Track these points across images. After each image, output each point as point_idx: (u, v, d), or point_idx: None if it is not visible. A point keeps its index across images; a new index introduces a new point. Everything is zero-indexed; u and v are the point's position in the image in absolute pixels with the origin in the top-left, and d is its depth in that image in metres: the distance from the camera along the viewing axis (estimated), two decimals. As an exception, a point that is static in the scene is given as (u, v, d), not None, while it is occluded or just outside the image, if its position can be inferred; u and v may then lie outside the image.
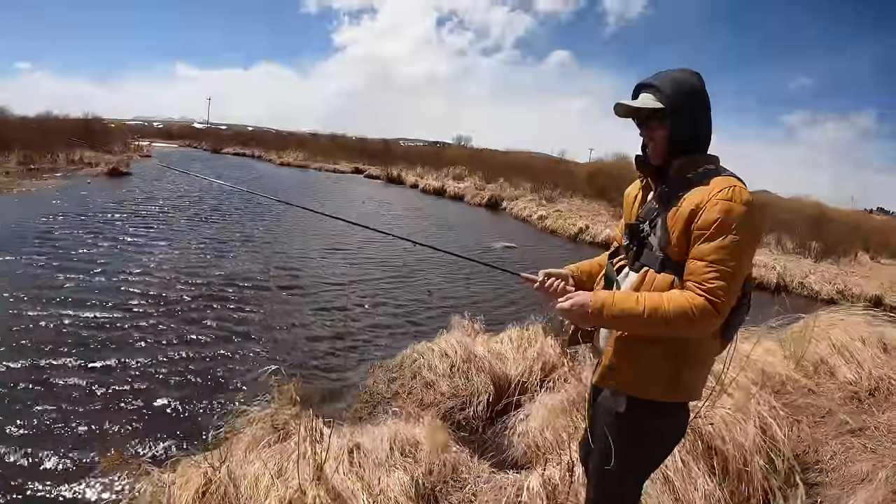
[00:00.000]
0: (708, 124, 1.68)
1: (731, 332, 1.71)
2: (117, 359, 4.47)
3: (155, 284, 6.46)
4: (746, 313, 1.70)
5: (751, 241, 1.55)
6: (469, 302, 7.21)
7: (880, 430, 3.51)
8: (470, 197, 21.87)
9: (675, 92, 1.63)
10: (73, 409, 3.73)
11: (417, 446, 2.99)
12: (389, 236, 2.64)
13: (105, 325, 5.11)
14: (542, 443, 3.17)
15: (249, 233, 10.45)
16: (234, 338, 5.17)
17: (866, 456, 3.22)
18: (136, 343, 4.82)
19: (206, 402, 4.00)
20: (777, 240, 15.69)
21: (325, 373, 4.64)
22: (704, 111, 1.66)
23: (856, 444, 3.38)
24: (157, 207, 12.31)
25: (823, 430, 3.58)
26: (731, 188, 1.53)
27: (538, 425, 3.27)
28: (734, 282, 1.51)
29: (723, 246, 1.50)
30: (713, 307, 1.49)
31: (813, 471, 3.18)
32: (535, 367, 4.05)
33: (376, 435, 3.05)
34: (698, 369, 1.70)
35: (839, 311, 5.17)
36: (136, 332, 5.05)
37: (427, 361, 4.18)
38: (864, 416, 3.72)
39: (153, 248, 8.29)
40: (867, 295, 10.40)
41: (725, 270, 1.49)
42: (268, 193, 7.29)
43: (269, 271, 7.57)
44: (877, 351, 4.58)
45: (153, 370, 4.38)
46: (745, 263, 1.54)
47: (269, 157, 36.42)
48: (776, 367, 4.05)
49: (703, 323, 1.51)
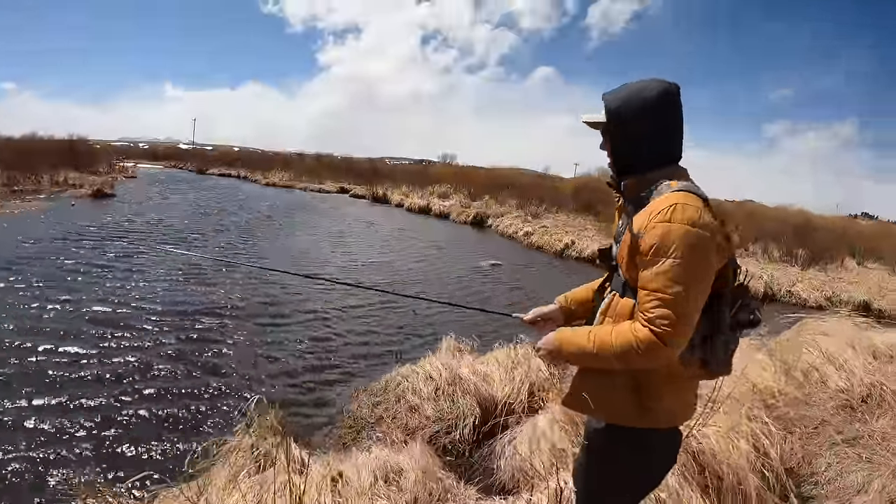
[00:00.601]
0: (664, 138, 1.57)
1: (716, 357, 1.54)
2: (93, 390, 4.32)
3: (134, 313, 6.29)
4: (740, 333, 1.57)
5: (696, 261, 1.41)
6: (455, 322, 7.09)
7: (874, 438, 3.45)
8: (455, 215, 21.81)
9: (622, 104, 1.56)
10: (48, 441, 3.60)
11: (402, 474, 2.89)
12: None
13: (81, 356, 4.95)
14: (530, 467, 3.08)
15: (229, 260, 10.21)
16: (214, 368, 5.02)
17: (861, 466, 3.16)
18: (112, 373, 4.67)
19: (186, 433, 3.87)
20: (763, 248, 15.77)
21: (307, 399, 4.52)
22: (658, 124, 1.55)
23: (850, 454, 3.32)
24: (139, 231, 12.14)
25: (817, 441, 3.52)
26: (670, 207, 1.43)
27: (525, 449, 3.18)
28: (679, 308, 1.39)
29: (661, 272, 1.41)
30: (657, 338, 1.40)
31: (808, 484, 3.12)
32: (523, 388, 3.97)
33: (360, 463, 2.96)
34: (670, 397, 1.57)
35: (827, 318, 5.14)
36: (112, 362, 4.90)
37: (411, 385, 4.08)
38: (858, 424, 3.66)
39: (132, 275, 8.11)
40: (855, 301, 10.39)
41: (667, 298, 1.39)
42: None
43: (249, 299, 7.38)
44: (867, 357, 4.54)
45: (130, 400, 4.24)
46: (693, 287, 1.41)
47: (255, 178, 36.32)
48: (767, 379, 3.99)
49: (649, 355, 1.42)
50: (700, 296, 1.44)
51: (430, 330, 6.66)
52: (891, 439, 3.40)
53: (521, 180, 28.64)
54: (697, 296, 1.43)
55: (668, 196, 1.47)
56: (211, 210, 17.61)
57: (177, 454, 3.60)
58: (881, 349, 4.73)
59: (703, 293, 1.45)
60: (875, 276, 13.66)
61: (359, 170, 37.49)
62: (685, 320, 1.41)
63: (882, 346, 4.77)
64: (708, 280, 1.45)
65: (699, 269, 1.42)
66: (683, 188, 1.49)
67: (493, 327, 6.18)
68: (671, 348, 1.41)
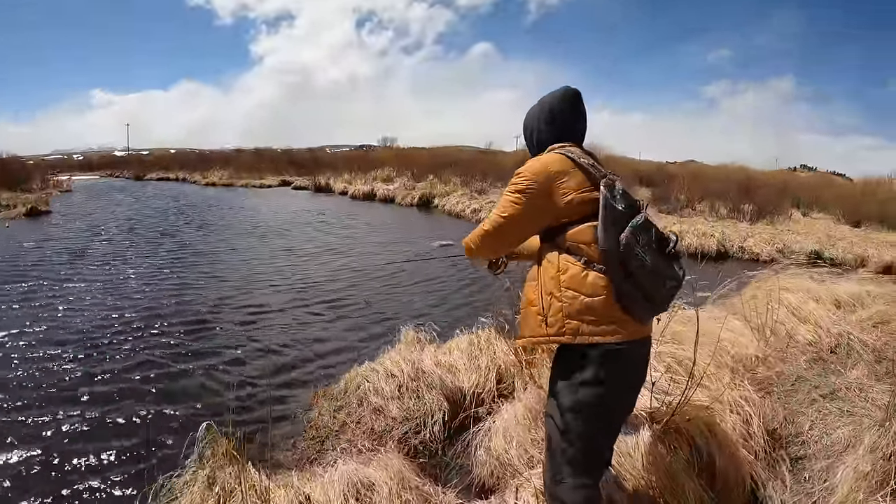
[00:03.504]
0: (549, 129, 2.08)
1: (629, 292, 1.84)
2: (20, 423, 3.84)
3: (63, 338, 5.72)
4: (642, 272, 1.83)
5: (517, 188, 1.95)
6: (411, 311, 6.86)
7: (852, 390, 3.37)
8: (401, 198, 21.59)
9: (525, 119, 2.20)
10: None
11: (373, 489, 2.62)
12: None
13: (7, 384, 4.45)
14: (509, 460, 2.87)
15: (166, 268, 9.51)
16: (149, 393, 4.47)
17: (844, 420, 3.05)
18: (41, 405, 4.17)
19: (128, 471, 3.39)
20: (711, 207, 16.07)
21: (261, 414, 4.05)
22: (540, 122, 2.10)
23: (832, 408, 3.21)
24: (77, 246, 11.36)
25: (796, 398, 3.41)
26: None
27: (501, 441, 2.96)
28: (495, 217, 2.00)
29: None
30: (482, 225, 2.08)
31: (794, 444, 2.99)
32: (490, 375, 3.74)
33: (327, 481, 2.67)
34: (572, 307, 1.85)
35: (783, 271, 5.10)
36: (40, 391, 4.39)
37: (373, 385, 3.78)
38: (833, 377, 3.58)
39: (65, 293, 7.48)
40: (807, 251, 10.65)
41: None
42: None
43: (182, 312, 6.76)
44: (831, 308, 4.52)
45: (60, 438, 3.77)
46: (508, 207, 1.96)
47: (194, 179, 35.28)
48: (745, 344, 3.87)
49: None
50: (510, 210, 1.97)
51: (385, 322, 6.35)
52: (868, 389, 3.33)
53: (463, 157, 28.52)
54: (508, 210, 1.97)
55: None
56: (147, 218, 16.75)
57: (121, 496, 3.17)
58: (844, 299, 4.73)
59: (514, 209, 1.96)
60: (821, 226, 14.12)
61: (300, 161, 37.07)
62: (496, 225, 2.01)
63: (844, 295, 4.77)
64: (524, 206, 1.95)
65: (518, 191, 1.96)
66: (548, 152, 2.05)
67: (452, 317, 5.96)
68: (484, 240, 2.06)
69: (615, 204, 1.83)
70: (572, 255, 1.88)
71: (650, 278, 1.83)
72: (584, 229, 1.87)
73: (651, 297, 1.86)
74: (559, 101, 2.06)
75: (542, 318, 1.88)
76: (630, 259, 1.80)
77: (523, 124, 2.17)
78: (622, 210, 1.83)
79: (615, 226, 1.81)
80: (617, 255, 1.80)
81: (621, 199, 1.85)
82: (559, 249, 1.91)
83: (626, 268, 1.81)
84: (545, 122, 2.07)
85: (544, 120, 2.07)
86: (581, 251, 1.87)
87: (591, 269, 1.84)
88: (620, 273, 1.81)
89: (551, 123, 2.06)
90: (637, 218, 1.84)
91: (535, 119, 2.11)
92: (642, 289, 1.83)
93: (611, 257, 1.81)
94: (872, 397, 3.19)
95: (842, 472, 2.54)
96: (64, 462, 3.48)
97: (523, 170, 1.96)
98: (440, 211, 19.08)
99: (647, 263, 1.81)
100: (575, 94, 2.06)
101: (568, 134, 2.05)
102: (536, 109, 2.12)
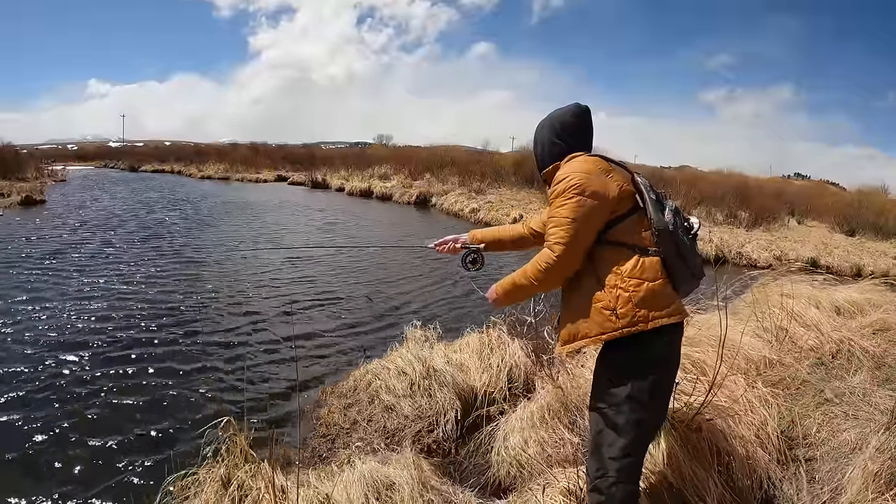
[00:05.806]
0: (562, 143, 2.15)
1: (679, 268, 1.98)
2: (36, 419, 3.81)
3: (72, 330, 5.70)
4: (686, 250, 1.99)
5: (576, 192, 1.95)
6: (415, 307, 6.90)
7: (856, 394, 3.43)
8: (398, 196, 21.56)
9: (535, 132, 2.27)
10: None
11: (393, 488, 2.63)
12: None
13: (15, 378, 4.42)
14: (527, 459, 2.89)
15: (168, 264, 9.40)
16: (167, 387, 4.47)
17: (849, 424, 3.11)
18: (53, 401, 4.15)
19: (147, 467, 3.36)
20: (707, 212, 16.15)
21: (271, 412, 4.08)
22: (552, 135, 2.17)
23: (837, 412, 3.27)
24: (75, 238, 11.21)
25: (803, 401, 3.47)
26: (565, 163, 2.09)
27: (518, 440, 2.98)
28: (565, 228, 1.95)
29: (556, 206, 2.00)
30: (550, 250, 1.98)
31: (802, 446, 3.05)
32: (502, 374, 3.76)
33: (346, 480, 2.67)
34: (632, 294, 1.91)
35: (782, 277, 5.17)
36: (52, 386, 4.37)
37: (384, 382, 3.80)
38: (836, 381, 3.65)
39: (68, 286, 7.40)
40: (804, 258, 10.76)
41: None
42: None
43: (198, 308, 6.75)
44: (831, 314, 4.59)
45: (78, 433, 3.73)
46: (575, 211, 1.95)
47: (190, 172, 34.81)
48: (759, 347, 3.93)
49: (549, 270, 2.00)
50: (579, 216, 1.95)
51: (388, 318, 6.39)
52: (871, 394, 3.39)
53: (460, 157, 28.47)
54: (578, 217, 1.94)
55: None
56: (143, 211, 16.52)
57: (138, 492, 3.08)
58: (844, 306, 4.80)
59: (581, 215, 1.95)
60: (817, 234, 14.27)
61: (295, 156, 36.85)
62: (569, 235, 1.95)
63: (844, 302, 4.84)
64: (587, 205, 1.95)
65: (582, 196, 1.96)
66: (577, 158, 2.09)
67: (457, 314, 5.98)
68: (557, 257, 1.96)
69: (654, 190, 2.03)
70: (623, 247, 1.96)
71: (692, 255, 2.00)
72: (633, 220, 1.99)
73: (696, 274, 2.03)
74: (571, 115, 2.16)
75: (611, 312, 1.91)
76: (678, 236, 1.96)
77: (534, 138, 2.25)
78: (655, 198, 2.01)
79: (659, 209, 1.98)
80: (669, 234, 1.95)
81: (652, 189, 2.04)
82: (607, 244, 1.98)
83: (677, 246, 1.96)
84: (557, 136, 2.15)
85: (556, 134, 2.16)
86: (632, 240, 1.97)
87: (645, 256, 1.94)
88: (673, 250, 1.96)
89: (563, 138, 2.14)
90: (671, 202, 2.04)
91: (547, 133, 2.18)
92: (691, 266, 2.00)
93: (665, 236, 1.95)
94: (875, 402, 3.25)
95: (850, 472, 2.59)
96: (76, 458, 3.47)
97: (569, 173, 1.98)
98: (438, 210, 19.07)
99: (686, 241, 1.98)
100: (585, 110, 2.18)
101: (578, 147, 2.13)
102: (547, 123, 2.19)
